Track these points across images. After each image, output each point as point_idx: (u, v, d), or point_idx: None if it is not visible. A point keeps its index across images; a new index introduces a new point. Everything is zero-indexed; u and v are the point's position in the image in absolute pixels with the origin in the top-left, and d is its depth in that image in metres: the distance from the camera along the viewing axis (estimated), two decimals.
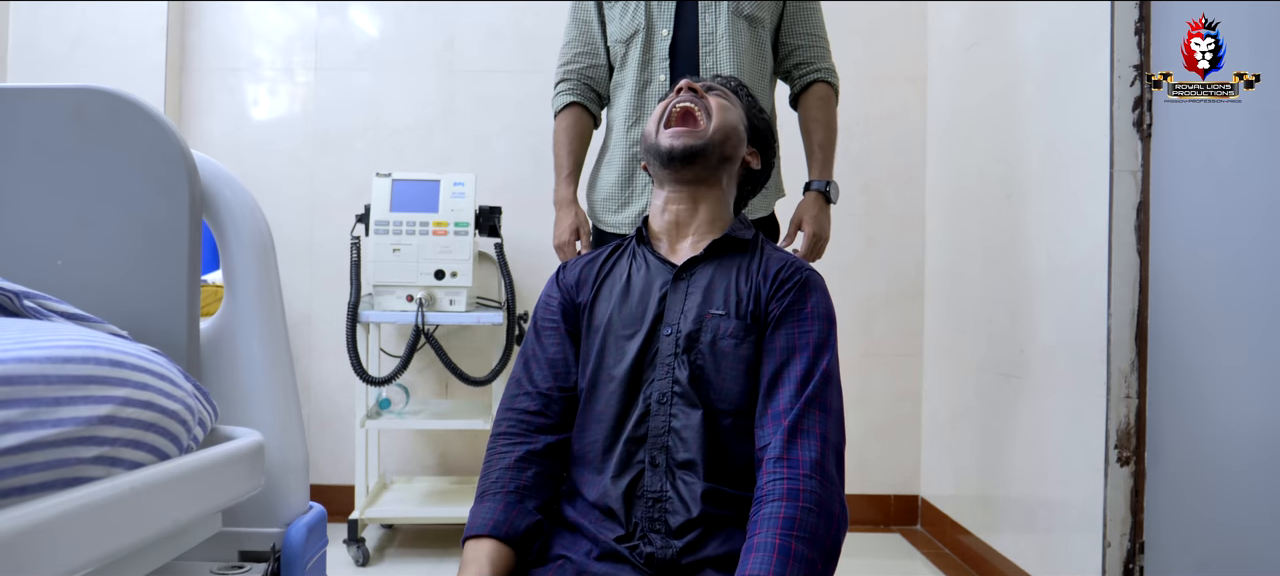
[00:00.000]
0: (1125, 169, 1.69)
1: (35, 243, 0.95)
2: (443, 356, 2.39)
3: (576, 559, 1.04)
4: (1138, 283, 1.69)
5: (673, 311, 1.11)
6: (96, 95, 0.95)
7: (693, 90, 1.18)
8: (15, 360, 0.64)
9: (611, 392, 1.09)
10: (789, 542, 0.91)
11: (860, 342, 2.80)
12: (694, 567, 1.02)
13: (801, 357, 1.04)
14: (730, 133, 1.18)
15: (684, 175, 1.16)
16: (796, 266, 1.13)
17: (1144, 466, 1.69)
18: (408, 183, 2.42)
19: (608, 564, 1.03)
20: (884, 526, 2.79)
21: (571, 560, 1.05)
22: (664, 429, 1.06)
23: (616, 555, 1.03)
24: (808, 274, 1.13)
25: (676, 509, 1.03)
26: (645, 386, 1.08)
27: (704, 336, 1.08)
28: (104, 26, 2.69)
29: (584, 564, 1.04)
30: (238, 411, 1.04)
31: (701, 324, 1.09)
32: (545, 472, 1.11)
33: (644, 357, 1.09)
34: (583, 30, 1.86)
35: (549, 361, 1.16)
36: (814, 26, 1.83)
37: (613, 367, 1.10)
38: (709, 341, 1.07)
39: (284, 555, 1.02)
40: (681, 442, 1.05)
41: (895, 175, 2.80)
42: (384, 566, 2.36)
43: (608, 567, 1.03)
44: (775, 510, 0.94)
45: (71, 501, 0.64)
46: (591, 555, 1.04)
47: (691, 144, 1.14)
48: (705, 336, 1.08)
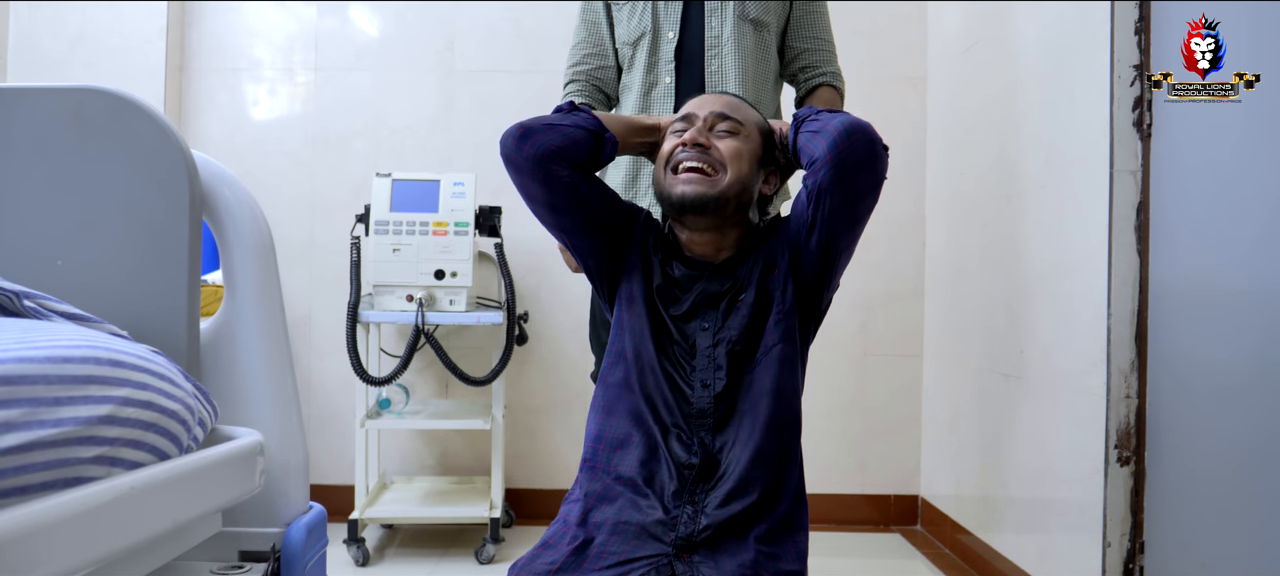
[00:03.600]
0: (1125, 169, 1.69)
1: (35, 243, 0.95)
2: (443, 356, 2.39)
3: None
4: (1138, 283, 1.69)
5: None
6: (96, 95, 0.95)
7: (699, 145, 1.17)
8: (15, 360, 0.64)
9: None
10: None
11: (860, 342, 2.80)
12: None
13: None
14: (746, 183, 1.18)
15: (700, 222, 1.18)
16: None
17: (1144, 466, 1.69)
18: (408, 183, 2.42)
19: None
20: (884, 526, 2.79)
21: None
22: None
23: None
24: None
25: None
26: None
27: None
28: (104, 26, 2.69)
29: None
30: (238, 411, 1.04)
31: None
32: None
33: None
34: (592, 32, 1.86)
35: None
36: (820, 30, 1.83)
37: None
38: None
39: (284, 555, 1.02)
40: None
41: (895, 175, 2.76)
42: (384, 566, 2.36)
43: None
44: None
45: (71, 501, 0.64)
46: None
47: (704, 193, 1.15)
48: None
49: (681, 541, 1.05)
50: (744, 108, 1.23)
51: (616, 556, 1.05)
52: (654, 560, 1.04)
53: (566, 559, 1.05)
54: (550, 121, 1.19)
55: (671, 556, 1.05)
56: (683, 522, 1.06)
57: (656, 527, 1.06)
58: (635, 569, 1.03)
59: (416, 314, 2.32)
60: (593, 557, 1.05)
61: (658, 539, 1.06)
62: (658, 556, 1.04)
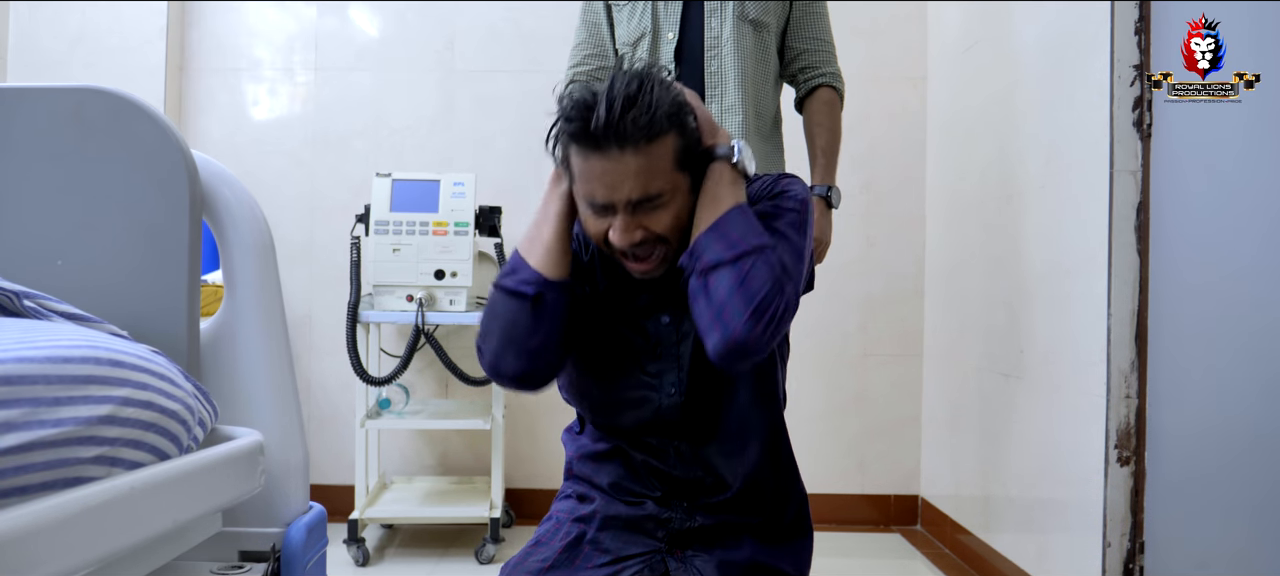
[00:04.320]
0: (1125, 169, 1.69)
1: (35, 243, 0.95)
2: (443, 356, 2.39)
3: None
4: (1138, 283, 1.69)
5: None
6: (96, 95, 0.95)
7: (635, 246, 0.97)
8: (15, 360, 0.64)
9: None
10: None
11: (860, 342, 2.80)
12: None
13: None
14: (686, 223, 1.00)
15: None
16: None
17: (1144, 466, 1.69)
18: (408, 183, 2.42)
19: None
20: (884, 526, 2.79)
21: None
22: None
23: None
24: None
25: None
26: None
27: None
28: (104, 26, 2.68)
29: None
30: (238, 411, 1.04)
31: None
32: None
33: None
34: (592, 33, 1.86)
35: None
36: (820, 31, 1.83)
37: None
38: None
39: (284, 555, 1.02)
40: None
41: (895, 175, 2.80)
42: (384, 566, 2.36)
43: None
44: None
45: (71, 501, 0.64)
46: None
47: (655, 271, 1.00)
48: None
49: (675, 536, 1.05)
50: (654, 155, 0.93)
51: (610, 553, 1.04)
52: (647, 557, 1.03)
53: (558, 556, 1.04)
54: (495, 337, 1.01)
55: (664, 552, 1.04)
56: (676, 520, 1.06)
57: (649, 524, 1.05)
58: (628, 566, 1.03)
59: (416, 314, 2.32)
60: (585, 554, 1.05)
61: (650, 535, 1.05)
62: (651, 553, 1.04)
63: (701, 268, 0.94)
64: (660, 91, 0.93)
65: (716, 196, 0.98)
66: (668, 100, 0.94)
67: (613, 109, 0.90)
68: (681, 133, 0.96)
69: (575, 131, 0.93)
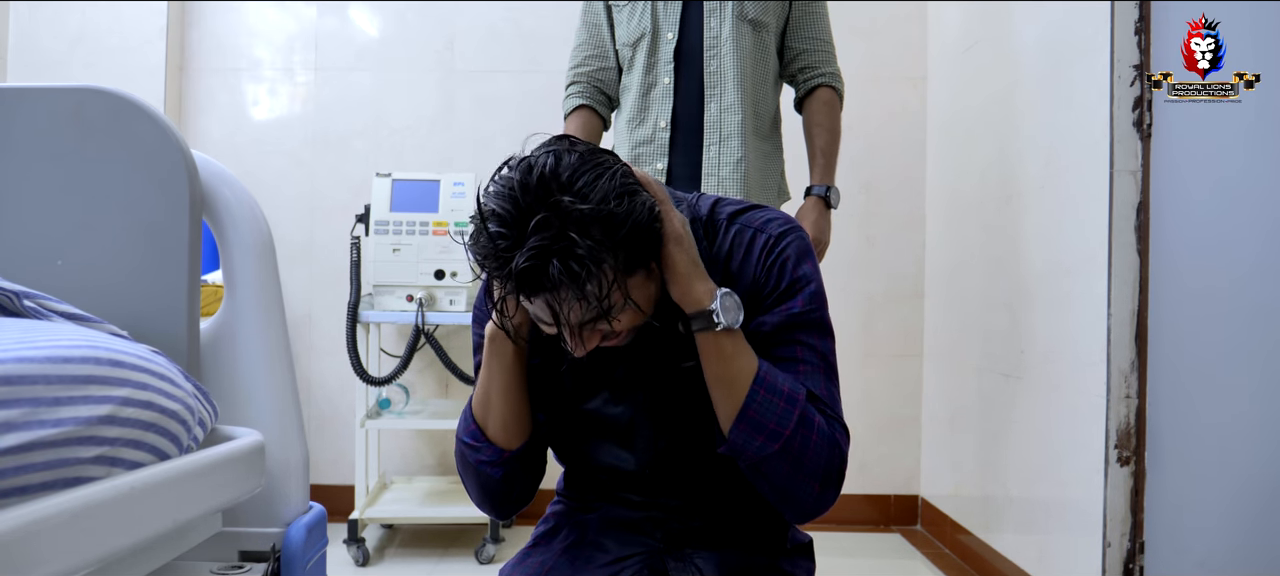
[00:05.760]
0: (1125, 169, 1.69)
1: (35, 243, 0.95)
2: (443, 356, 2.39)
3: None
4: (1138, 283, 1.69)
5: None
6: (96, 95, 0.95)
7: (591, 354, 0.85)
8: (15, 360, 0.64)
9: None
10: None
11: (860, 343, 2.80)
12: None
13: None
14: (632, 328, 0.86)
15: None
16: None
17: (1144, 466, 1.69)
18: (408, 183, 2.43)
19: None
20: (884, 526, 2.78)
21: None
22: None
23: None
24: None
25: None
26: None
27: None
28: (104, 26, 2.69)
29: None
30: (238, 411, 1.04)
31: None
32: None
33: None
34: (593, 33, 1.86)
35: None
36: (819, 31, 1.83)
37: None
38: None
39: (284, 555, 1.02)
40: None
41: (895, 175, 2.79)
42: (384, 566, 2.36)
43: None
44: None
45: (71, 501, 0.63)
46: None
47: (625, 342, 0.88)
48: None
49: (674, 536, 1.04)
50: (596, 287, 0.76)
51: (608, 554, 1.03)
52: (646, 556, 1.03)
53: (557, 559, 1.03)
54: (472, 490, 1.03)
55: (663, 550, 1.03)
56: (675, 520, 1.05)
57: (647, 524, 1.05)
58: (627, 566, 1.02)
59: (416, 314, 2.32)
60: (583, 557, 1.04)
61: (648, 534, 1.04)
62: (650, 553, 1.03)
63: (748, 463, 0.87)
64: (587, 220, 0.73)
65: (721, 374, 0.85)
66: (598, 228, 0.74)
67: (534, 259, 0.73)
68: (630, 246, 0.78)
69: (493, 272, 0.77)
